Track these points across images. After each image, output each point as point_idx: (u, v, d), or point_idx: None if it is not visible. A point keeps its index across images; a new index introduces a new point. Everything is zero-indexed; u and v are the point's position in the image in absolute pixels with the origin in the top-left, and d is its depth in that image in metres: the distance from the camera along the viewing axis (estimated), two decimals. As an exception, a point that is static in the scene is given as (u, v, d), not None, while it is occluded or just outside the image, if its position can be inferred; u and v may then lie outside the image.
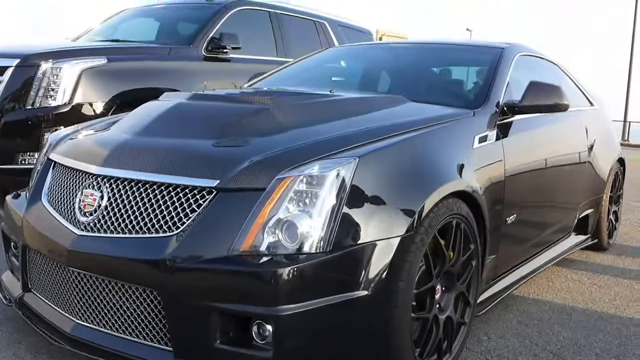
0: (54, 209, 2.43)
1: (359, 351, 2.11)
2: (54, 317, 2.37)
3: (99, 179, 2.27)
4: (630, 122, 24.06)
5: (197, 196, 2.09)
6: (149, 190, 2.16)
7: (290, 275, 1.92)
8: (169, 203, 2.11)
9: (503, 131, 3.00)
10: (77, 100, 4.42)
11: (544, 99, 3.07)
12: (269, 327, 1.96)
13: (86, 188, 2.30)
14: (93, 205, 2.24)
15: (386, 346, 2.15)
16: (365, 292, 2.04)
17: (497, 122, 2.97)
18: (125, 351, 2.13)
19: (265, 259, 1.95)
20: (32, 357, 2.48)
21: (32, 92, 4.35)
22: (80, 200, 2.30)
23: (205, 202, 2.07)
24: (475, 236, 2.59)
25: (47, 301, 2.45)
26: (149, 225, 2.11)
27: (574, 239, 4.25)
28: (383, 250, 2.08)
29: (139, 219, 2.14)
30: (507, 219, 2.97)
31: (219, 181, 2.07)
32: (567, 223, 3.99)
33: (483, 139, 2.78)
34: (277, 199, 2.03)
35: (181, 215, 2.08)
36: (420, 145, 2.41)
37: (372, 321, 2.09)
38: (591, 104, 4.69)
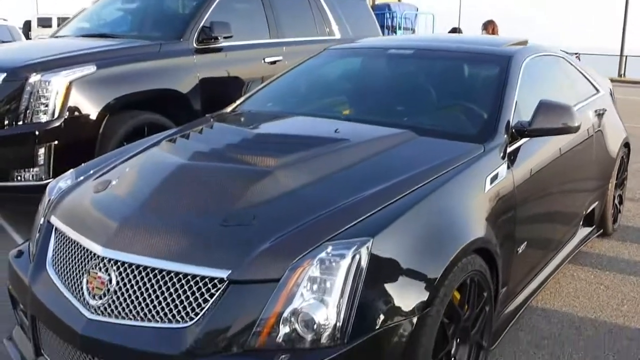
0: (61, 282, 2.38)
1: None
2: (71, 390, 2.36)
3: (105, 261, 2.21)
4: (627, 56, 23.58)
5: (209, 285, 2.04)
6: (158, 277, 2.11)
7: (310, 375, 1.90)
8: (180, 292, 2.06)
9: (512, 158, 2.93)
10: (68, 113, 4.30)
11: (554, 121, 2.97)
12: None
13: (92, 269, 2.24)
14: (102, 289, 2.19)
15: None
16: (383, 376, 2.03)
17: (507, 152, 2.89)
18: None
19: (283, 356, 1.92)
20: None
21: (22, 107, 4.24)
22: (87, 280, 2.25)
23: (218, 292, 2.02)
24: (489, 283, 2.57)
25: (61, 371, 2.44)
26: (161, 314, 2.07)
27: (580, 233, 4.23)
28: (400, 332, 2.05)
29: (150, 306, 2.09)
30: (518, 249, 2.94)
31: (230, 272, 2.02)
32: (575, 224, 3.97)
33: (494, 178, 2.71)
34: (291, 288, 1.98)
35: (194, 305, 2.04)
36: (433, 207, 2.35)
37: (392, 402, 2.09)
38: (597, 90, 4.58)
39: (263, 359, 1.94)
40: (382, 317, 2.02)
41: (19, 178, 4.27)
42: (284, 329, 1.97)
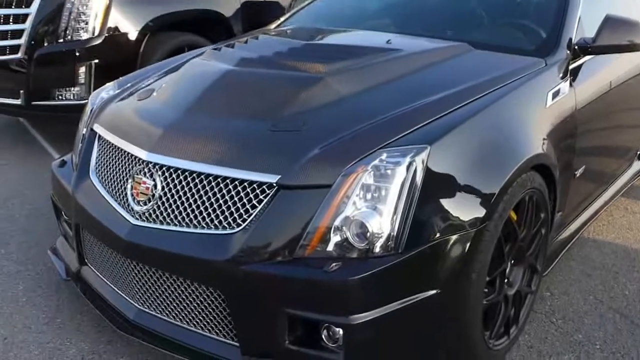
0: (105, 189, 2.33)
1: (429, 348, 2.04)
2: (115, 299, 2.34)
3: (150, 165, 2.14)
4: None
5: (257, 191, 1.96)
6: (204, 182, 2.03)
7: (361, 284, 1.82)
8: (227, 197, 1.99)
9: (574, 76, 2.75)
10: (109, 30, 4.21)
11: (619, 38, 2.77)
12: (339, 331, 1.89)
13: (137, 174, 2.18)
14: (146, 194, 2.13)
15: (457, 340, 2.08)
16: (436, 290, 1.94)
17: (569, 68, 2.71)
18: (192, 343, 2.10)
19: (334, 264, 1.84)
20: (96, 332, 2.49)
21: (62, 24, 4.15)
22: (132, 186, 2.19)
23: (267, 198, 1.93)
24: (547, 203, 2.44)
25: (105, 279, 2.42)
26: (207, 220, 2.00)
27: (635, 166, 4.04)
28: (456, 246, 1.95)
29: (196, 212, 2.03)
30: (576, 172, 2.79)
31: (280, 176, 1.93)
32: (631, 156, 3.78)
33: (556, 94, 2.54)
34: (343, 195, 1.89)
35: (241, 211, 1.96)
36: (492, 119, 2.20)
37: (444, 318, 2.01)
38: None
39: (312, 268, 1.87)
40: (438, 228, 1.92)
41: (60, 97, 4.24)
42: (334, 238, 1.88)
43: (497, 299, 2.23)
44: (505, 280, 2.31)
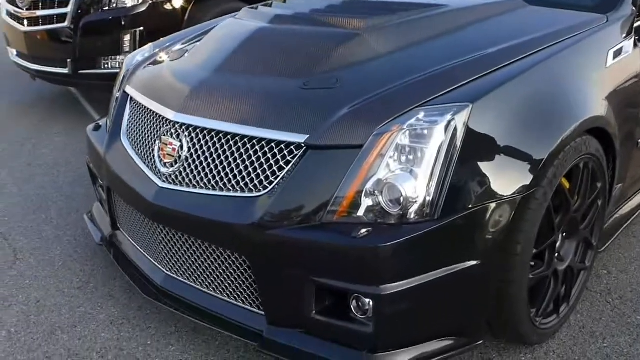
0: (134, 151, 2.27)
1: (469, 324, 1.89)
2: (144, 264, 2.29)
3: (177, 126, 2.06)
4: None
5: (285, 152, 1.84)
6: (231, 143, 1.93)
7: (393, 251, 1.68)
8: (253, 158, 1.88)
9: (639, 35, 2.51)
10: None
11: (694, -8, 2.51)
12: (369, 301, 1.76)
13: (164, 135, 2.10)
14: (173, 156, 2.05)
15: (500, 316, 1.93)
16: (477, 261, 1.79)
17: (635, 26, 2.48)
18: (217, 311, 2.02)
19: (364, 229, 1.71)
20: (127, 298, 2.44)
21: (107, -7, 4.12)
22: (159, 148, 2.11)
23: (295, 159, 1.82)
24: (604, 172, 2.24)
25: (135, 244, 2.37)
26: (233, 182, 1.91)
27: None
28: (500, 213, 1.79)
29: (222, 174, 1.93)
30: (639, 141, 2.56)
31: (308, 136, 1.80)
32: None
33: (618, 53, 2.32)
34: (376, 156, 1.75)
35: (268, 173, 1.85)
36: (543, 77, 2.01)
37: (485, 291, 1.86)
38: None
39: (341, 234, 1.74)
40: (479, 194, 1.76)
41: (106, 66, 4.24)
42: (366, 202, 1.75)
43: (545, 273, 2.05)
44: (556, 254, 2.13)
